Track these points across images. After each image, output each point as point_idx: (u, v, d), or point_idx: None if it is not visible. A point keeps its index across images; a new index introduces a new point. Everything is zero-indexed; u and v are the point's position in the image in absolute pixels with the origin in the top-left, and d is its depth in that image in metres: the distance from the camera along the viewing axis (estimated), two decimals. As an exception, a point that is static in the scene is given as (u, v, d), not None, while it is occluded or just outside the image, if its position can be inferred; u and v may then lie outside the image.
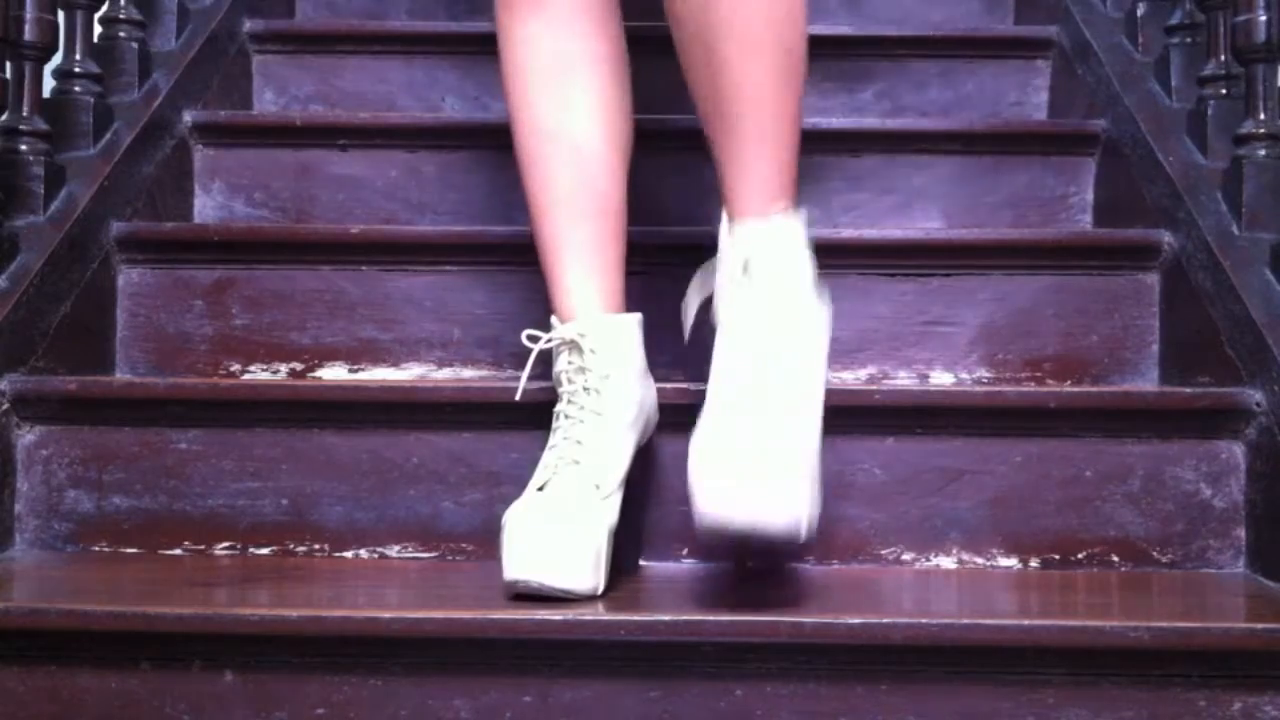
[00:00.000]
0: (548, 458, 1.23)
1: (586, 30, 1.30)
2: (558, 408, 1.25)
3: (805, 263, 1.19)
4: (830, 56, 1.99)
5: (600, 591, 1.16)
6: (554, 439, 1.24)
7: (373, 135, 1.81)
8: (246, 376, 1.58)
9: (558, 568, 1.13)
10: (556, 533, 1.14)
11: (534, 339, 1.27)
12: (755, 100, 1.17)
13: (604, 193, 1.30)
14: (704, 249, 1.56)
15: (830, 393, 1.40)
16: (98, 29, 1.72)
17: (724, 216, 1.23)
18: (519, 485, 1.35)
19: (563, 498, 1.18)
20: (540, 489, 1.19)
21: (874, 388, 1.46)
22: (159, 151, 1.73)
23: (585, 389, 1.24)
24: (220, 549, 1.38)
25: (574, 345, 1.25)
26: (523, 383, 1.27)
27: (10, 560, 1.35)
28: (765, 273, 1.16)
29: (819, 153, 1.78)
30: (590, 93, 1.30)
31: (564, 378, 1.25)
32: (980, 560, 1.36)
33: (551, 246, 1.30)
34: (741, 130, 1.18)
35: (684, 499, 1.34)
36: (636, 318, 1.30)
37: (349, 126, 1.81)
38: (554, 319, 1.29)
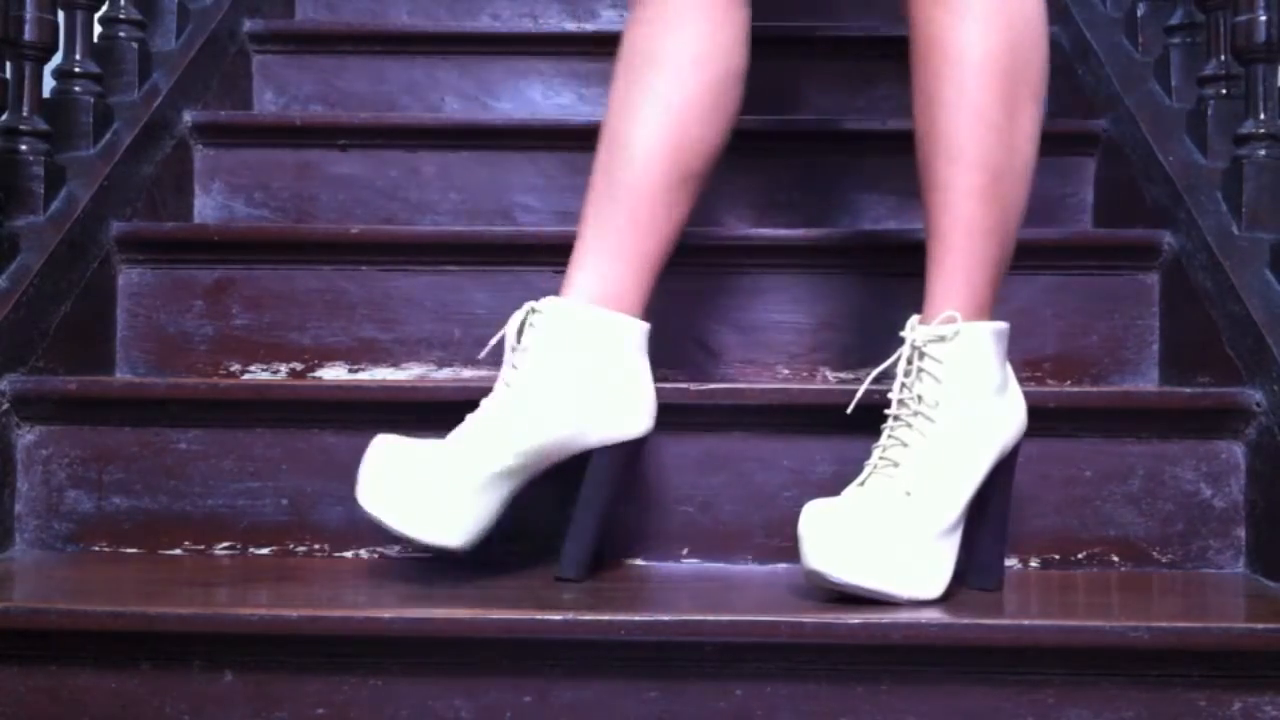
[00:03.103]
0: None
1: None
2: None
3: (985, 370, 1.19)
4: (834, 56, 1.99)
5: None
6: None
7: (373, 135, 1.81)
8: (246, 376, 1.58)
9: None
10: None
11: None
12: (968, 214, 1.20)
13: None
14: (713, 250, 1.56)
15: (830, 392, 1.41)
16: (98, 29, 1.72)
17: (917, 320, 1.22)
18: (519, 485, 1.35)
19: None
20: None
21: (875, 388, 1.46)
22: (159, 151, 1.73)
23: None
24: (220, 549, 1.38)
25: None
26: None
27: (10, 560, 1.35)
28: (944, 370, 1.18)
29: (820, 153, 1.78)
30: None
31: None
32: (980, 560, 1.36)
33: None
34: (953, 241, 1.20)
35: (684, 499, 1.35)
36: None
37: (349, 126, 1.81)
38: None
